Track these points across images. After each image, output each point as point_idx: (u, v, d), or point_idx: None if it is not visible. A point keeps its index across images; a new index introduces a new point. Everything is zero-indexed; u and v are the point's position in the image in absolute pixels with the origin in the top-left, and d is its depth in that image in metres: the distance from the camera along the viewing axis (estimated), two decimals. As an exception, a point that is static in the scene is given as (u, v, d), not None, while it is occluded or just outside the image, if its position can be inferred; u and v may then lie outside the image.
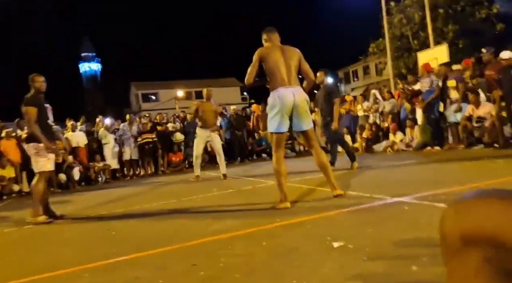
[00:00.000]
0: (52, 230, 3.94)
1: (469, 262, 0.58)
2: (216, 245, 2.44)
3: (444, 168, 5.08)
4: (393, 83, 18.30)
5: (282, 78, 3.47)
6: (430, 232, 2.14)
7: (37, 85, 4.50)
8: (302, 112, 3.51)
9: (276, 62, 3.50)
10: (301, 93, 3.52)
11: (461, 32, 20.19)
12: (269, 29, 3.75)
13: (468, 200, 0.60)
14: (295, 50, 3.67)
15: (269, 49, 3.60)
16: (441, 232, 0.62)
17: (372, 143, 9.28)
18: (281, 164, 3.51)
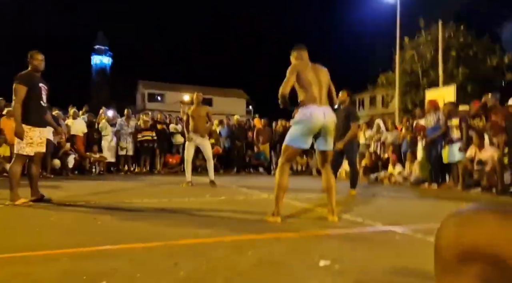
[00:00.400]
0: (38, 212, 3.88)
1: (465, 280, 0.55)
2: (200, 248, 2.39)
3: (439, 204, 5.04)
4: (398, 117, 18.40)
5: (314, 96, 3.42)
6: (419, 264, 2.10)
7: (35, 63, 4.32)
8: (329, 133, 3.46)
9: (311, 80, 3.46)
10: (331, 113, 3.48)
11: (470, 77, 20.41)
12: (299, 47, 3.71)
13: (467, 213, 0.57)
14: (325, 70, 3.64)
15: (304, 65, 3.56)
16: (437, 244, 0.59)
17: (370, 171, 9.25)
18: (284, 177, 3.45)
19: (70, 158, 9.35)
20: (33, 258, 2.15)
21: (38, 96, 4.34)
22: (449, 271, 0.56)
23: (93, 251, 2.30)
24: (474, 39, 20.57)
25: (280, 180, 3.42)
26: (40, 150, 4.47)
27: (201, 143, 6.88)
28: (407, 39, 21.56)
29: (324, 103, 3.47)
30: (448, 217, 0.59)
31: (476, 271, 0.54)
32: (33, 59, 4.32)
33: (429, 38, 21.05)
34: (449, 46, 20.28)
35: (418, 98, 20.64)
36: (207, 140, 7.04)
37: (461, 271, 0.55)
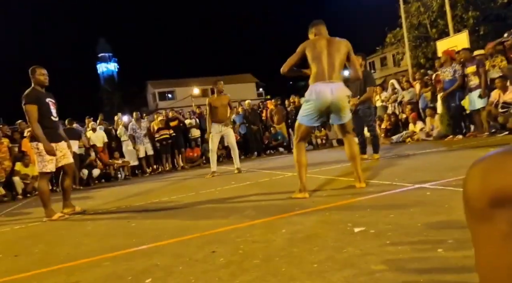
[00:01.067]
0: (74, 223, 4.01)
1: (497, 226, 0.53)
2: (234, 233, 2.42)
3: (467, 154, 4.92)
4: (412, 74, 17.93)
5: (322, 72, 3.31)
6: (454, 216, 2.07)
7: (40, 78, 4.25)
8: (340, 108, 3.35)
9: (319, 54, 3.34)
10: (341, 89, 3.33)
11: (482, 19, 19.58)
12: (316, 23, 3.57)
13: (495, 157, 0.54)
14: (344, 42, 3.45)
15: (315, 40, 3.44)
16: (465, 194, 0.57)
17: (391, 133, 9.11)
18: (302, 154, 3.45)
19: (95, 170, 9.59)
20: (76, 267, 2.23)
21: (48, 112, 4.31)
22: (482, 219, 0.54)
23: (132, 252, 2.36)
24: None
25: (298, 158, 3.44)
26: (66, 162, 4.49)
27: (225, 132, 6.90)
28: (410, -9, 20.80)
29: (334, 78, 3.32)
30: (473, 165, 0.57)
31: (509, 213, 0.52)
32: (36, 75, 4.25)
33: (433, -14, 20.25)
34: (454, -9, 19.47)
35: (430, 51, 20.03)
36: (230, 129, 7.06)
37: (494, 217, 0.53)
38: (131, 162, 10.64)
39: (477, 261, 0.56)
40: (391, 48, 25.67)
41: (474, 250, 0.56)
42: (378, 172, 4.34)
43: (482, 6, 19.62)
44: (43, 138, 4.17)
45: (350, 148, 3.50)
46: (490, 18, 19.87)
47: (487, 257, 0.54)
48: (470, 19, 19.12)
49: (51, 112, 4.37)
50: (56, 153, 4.36)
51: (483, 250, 0.55)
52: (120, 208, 4.51)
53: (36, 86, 4.28)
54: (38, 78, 4.26)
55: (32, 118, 4.15)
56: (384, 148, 7.75)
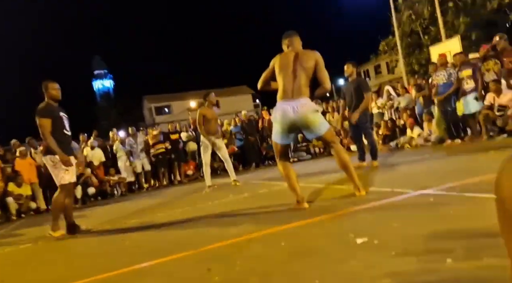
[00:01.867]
0: (66, 244, 3.87)
1: None
2: (232, 249, 2.31)
3: (468, 158, 4.84)
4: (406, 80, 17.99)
5: (286, 89, 3.27)
6: (462, 223, 1.97)
7: (53, 92, 4.27)
8: (308, 124, 3.25)
9: (285, 69, 3.30)
10: (304, 106, 3.21)
11: (473, 25, 19.76)
12: (289, 34, 3.52)
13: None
14: (313, 55, 3.37)
15: (283, 55, 3.41)
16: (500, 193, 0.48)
17: (389, 140, 9.04)
18: (288, 169, 3.38)
19: (90, 189, 9.44)
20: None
21: (61, 126, 4.30)
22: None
23: (124, 273, 2.24)
24: (470, -15, 19.90)
25: (286, 173, 3.38)
26: (70, 179, 4.40)
27: (217, 144, 6.79)
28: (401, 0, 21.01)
29: (296, 96, 3.22)
30: (504, 166, 0.48)
31: None
32: (49, 89, 4.26)
33: (423, -6, 20.49)
34: (445, -3, 19.71)
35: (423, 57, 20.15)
36: (221, 141, 6.97)
37: None
38: (128, 178, 10.49)
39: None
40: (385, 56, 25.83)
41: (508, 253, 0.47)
42: (378, 179, 4.24)
43: (473, 12, 19.82)
44: (59, 151, 4.14)
45: (338, 156, 3.34)
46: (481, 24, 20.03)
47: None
48: (461, 25, 19.32)
49: (65, 126, 4.36)
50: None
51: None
52: (114, 226, 4.38)
53: (49, 100, 4.27)
54: (51, 92, 4.27)
55: (46, 132, 4.12)
56: (383, 155, 7.67)
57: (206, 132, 6.65)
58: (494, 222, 1.86)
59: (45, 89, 4.26)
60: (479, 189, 2.69)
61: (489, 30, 18.85)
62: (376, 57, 25.82)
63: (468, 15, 19.61)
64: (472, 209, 2.23)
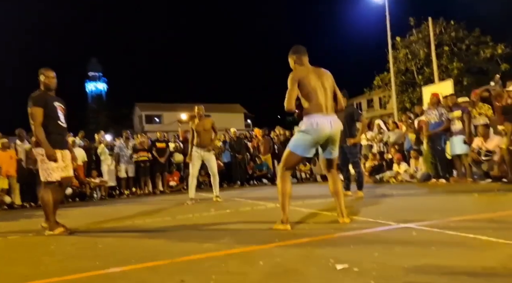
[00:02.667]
0: (37, 241, 3.72)
1: None
2: (208, 263, 2.24)
3: (452, 198, 4.88)
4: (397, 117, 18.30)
5: (319, 104, 3.23)
6: (443, 260, 1.96)
7: (46, 81, 4.02)
8: (335, 142, 3.36)
9: (314, 86, 3.26)
10: (338, 122, 3.33)
11: (465, 70, 20.38)
12: (299, 51, 3.47)
13: None
14: (329, 74, 3.44)
15: (305, 72, 3.33)
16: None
17: (375, 172, 9.09)
18: (286, 183, 3.31)
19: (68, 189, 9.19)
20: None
21: (55, 117, 4.03)
22: None
23: (94, 276, 2.15)
24: (465, 33, 20.59)
25: (283, 186, 3.29)
26: (66, 174, 4.15)
27: (207, 158, 6.67)
28: (399, 38, 21.61)
29: (330, 111, 3.29)
30: None
31: None
32: (44, 77, 4.03)
33: (421, 35, 21.11)
34: (441, 42, 20.34)
35: (416, 96, 20.59)
36: (213, 155, 6.82)
37: None
38: (109, 182, 10.29)
39: None
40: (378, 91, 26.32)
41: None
42: (362, 209, 4.23)
43: (466, 59, 20.48)
44: (45, 143, 3.86)
45: (334, 183, 3.43)
46: (473, 70, 20.69)
47: None
48: (454, 69, 19.89)
49: (59, 117, 4.08)
50: (60, 163, 4.01)
51: None
52: (89, 228, 4.25)
53: (44, 88, 4.05)
54: (45, 81, 4.04)
55: (36, 122, 3.86)
56: (368, 186, 7.68)
57: (196, 144, 6.58)
58: (475, 261, 1.85)
59: (40, 77, 4.04)
60: (461, 227, 2.70)
61: (480, 78, 19.47)
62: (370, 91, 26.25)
63: (462, 61, 20.26)
64: (452, 247, 2.23)
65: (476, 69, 20.72)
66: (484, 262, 1.84)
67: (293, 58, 3.48)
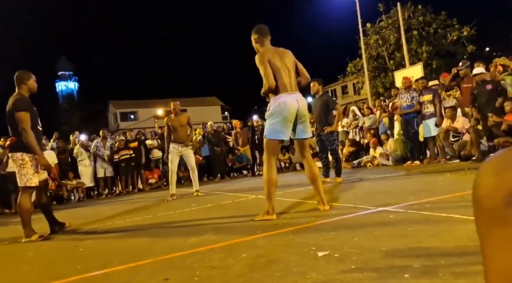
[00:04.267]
0: (14, 249, 3.63)
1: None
2: (192, 258, 2.24)
3: (426, 179, 5.04)
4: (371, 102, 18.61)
5: (284, 84, 3.30)
6: (419, 240, 2.03)
7: (30, 84, 3.89)
8: (306, 120, 3.43)
9: (278, 67, 3.32)
10: (304, 99, 3.39)
11: (434, 53, 20.87)
12: (262, 30, 3.49)
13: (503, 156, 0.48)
14: (289, 52, 3.49)
15: (270, 52, 3.37)
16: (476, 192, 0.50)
17: (352, 158, 9.26)
18: (273, 171, 3.33)
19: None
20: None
21: (36, 122, 3.95)
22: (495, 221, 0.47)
23: (76, 280, 2.12)
24: (432, 17, 21.03)
25: (269, 175, 3.30)
26: (43, 177, 4.08)
27: (185, 153, 6.65)
28: (369, 25, 21.87)
29: (294, 89, 3.36)
30: (486, 160, 0.50)
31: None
32: (26, 80, 3.88)
33: (390, 21, 21.43)
34: (410, 26, 20.71)
35: (388, 81, 20.97)
36: (190, 150, 6.81)
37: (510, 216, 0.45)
38: (87, 183, 10.07)
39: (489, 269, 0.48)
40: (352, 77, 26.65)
41: (484, 257, 0.48)
42: (341, 195, 4.32)
43: (435, 42, 20.95)
44: (39, 151, 3.79)
45: (310, 169, 3.45)
46: (441, 53, 21.21)
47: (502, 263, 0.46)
48: (424, 53, 20.31)
49: (38, 122, 4.01)
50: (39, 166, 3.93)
51: (497, 256, 0.47)
52: (68, 232, 4.17)
53: (25, 93, 3.90)
54: (31, 84, 3.92)
55: (26, 126, 3.73)
56: (346, 172, 7.84)
57: (174, 140, 6.55)
58: (449, 240, 1.93)
59: (22, 81, 3.88)
60: (435, 208, 2.81)
61: (449, 60, 20.00)
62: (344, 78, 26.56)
63: (430, 44, 20.71)
64: (427, 227, 2.31)
65: (444, 52, 21.22)
66: (457, 241, 1.92)
67: (254, 37, 3.52)
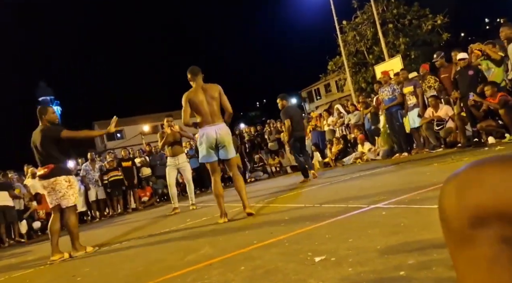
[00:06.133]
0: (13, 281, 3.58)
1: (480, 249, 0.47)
2: (191, 277, 2.24)
3: (414, 171, 5.11)
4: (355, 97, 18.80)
5: (206, 118, 4.02)
6: (412, 235, 2.07)
7: (48, 117, 4.41)
8: (224, 145, 4.07)
9: (201, 103, 4.00)
10: (223, 128, 4.08)
11: (411, 44, 21.21)
12: (193, 70, 4.16)
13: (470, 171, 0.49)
14: (216, 87, 4.13)
15: (193, 92, 4.07)
16: (441, 213, 0.51)
17: (341, 156, 9.34)
18: (217, 187, 4.14)
19: (36, 223, 8.84)
20: None
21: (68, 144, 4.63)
22: (462, 242, 0.48)
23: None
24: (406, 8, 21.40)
25: (215, 190, 4.14)
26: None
27: (182, 166, 6.77)
28: (345, 22, 22.16)
29: (216, 121, 4.03)
30: (447, 181, 0.51)
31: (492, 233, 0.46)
32: (49, 113, 4.44)
33: (365, 16, 21.74)
34: (385, 20, 21.03)
35: (369, 76, 21.23)
36: (187, 163, 6.94)
37: (476, 239, 0.46)
38: (78, 208, 9.92)
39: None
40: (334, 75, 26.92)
41: (457, 276, 0.49)
42: (333, 195, 4.35)
43: (410, 33, 21.30)
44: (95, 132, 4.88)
45: (236, 182, 4.20)
46: (418, 43, 21.56)
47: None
48: (401, 45, 20.64)
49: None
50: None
51: (467, 278, 0.48)
52: (65, 261, 4.12)
53: (48, 124, 4.43)
54: (49, 117, 4.44)
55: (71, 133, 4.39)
56: (336, 171, 7.90)
57: (170, 155, 6.67)
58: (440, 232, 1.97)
59: (40, 117, 4.42)
60: (425, 199, 2.86)
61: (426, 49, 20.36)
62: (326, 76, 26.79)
63: (407, 35, 21.05)
64: (419, 220, 2.35)
65: (420, 41, 21.57)
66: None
67: (188, 76, 4.19)
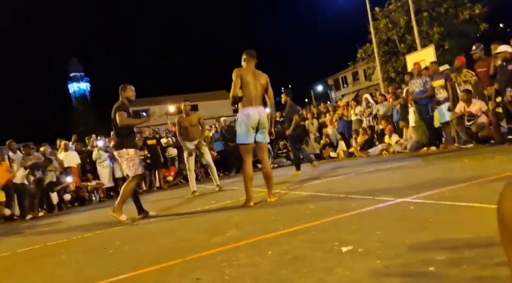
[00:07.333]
0: (47, 252, 3.79)
1: None
2: (219, 257, 2.33)
3: (443, 166, 5.02)
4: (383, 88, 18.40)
5: (250, 99, 4.14)
6: (440, 231, 2.07)
7: (125, 94, 4.83)
8: (264, 127, 4.24)
9: (249, 83, 4.14)
10: (264, 112, 4.23)
11: (446, 34, 20.43)
12: (251, 53, 4.34)
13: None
14: (265, 76, 4.31)
15: (244, 70, 4.22)
16: (500, 212, 0.54)
17: (367, 147, 9.23)
18: (250, 170, 4.22)
19: (66, 195, 9.24)
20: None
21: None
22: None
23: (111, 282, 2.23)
24: (442, -4, 20.58)
25: (247, 172, 4.21)
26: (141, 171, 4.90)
27: (201, 150, 6.82)
28: (378, 9, 21.52)
29: (259, 104, 4.19)
30: (505, 188, 0.54)
31: None
32: (124, 92, 4.85)
33: (399, 4, 21.04)
34: (419, 8, 20.28)
35: (400, 65, 20.68)
36: (205, 146, 6.99)
37: None
38: (106, 184, 10.30)
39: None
40: (362, 63, 26.34)
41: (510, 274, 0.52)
42: (358, 186, 4.35)
43: (446, 22, 20.50)
44: (140, 120, 5.05)
45: (263, 168, 4.32)
46: (453, 33, 20.74)
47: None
48: (435, 34, 19.91)
49: None
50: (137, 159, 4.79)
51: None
52: (95, 233, 4.32)
53: (125, 100, 4.84)
54: (127, 94, 4.86)
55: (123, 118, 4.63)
56: (362, 162, 7.84)
57: (184, 139, 6.70)
58: (471, 231, 1.96)
59: (120, 93, 4.86)
60: (455, 196, 2.83)
61: (462, 40, 19.58)
62: (354, 64, 26.27)
63: (442, 25, 20.27)
64: (448, 217, 2.34)
65: (456, 32, 20.74)
66: (479, 231, 1.94)
67: (243, 56, 4.35)
